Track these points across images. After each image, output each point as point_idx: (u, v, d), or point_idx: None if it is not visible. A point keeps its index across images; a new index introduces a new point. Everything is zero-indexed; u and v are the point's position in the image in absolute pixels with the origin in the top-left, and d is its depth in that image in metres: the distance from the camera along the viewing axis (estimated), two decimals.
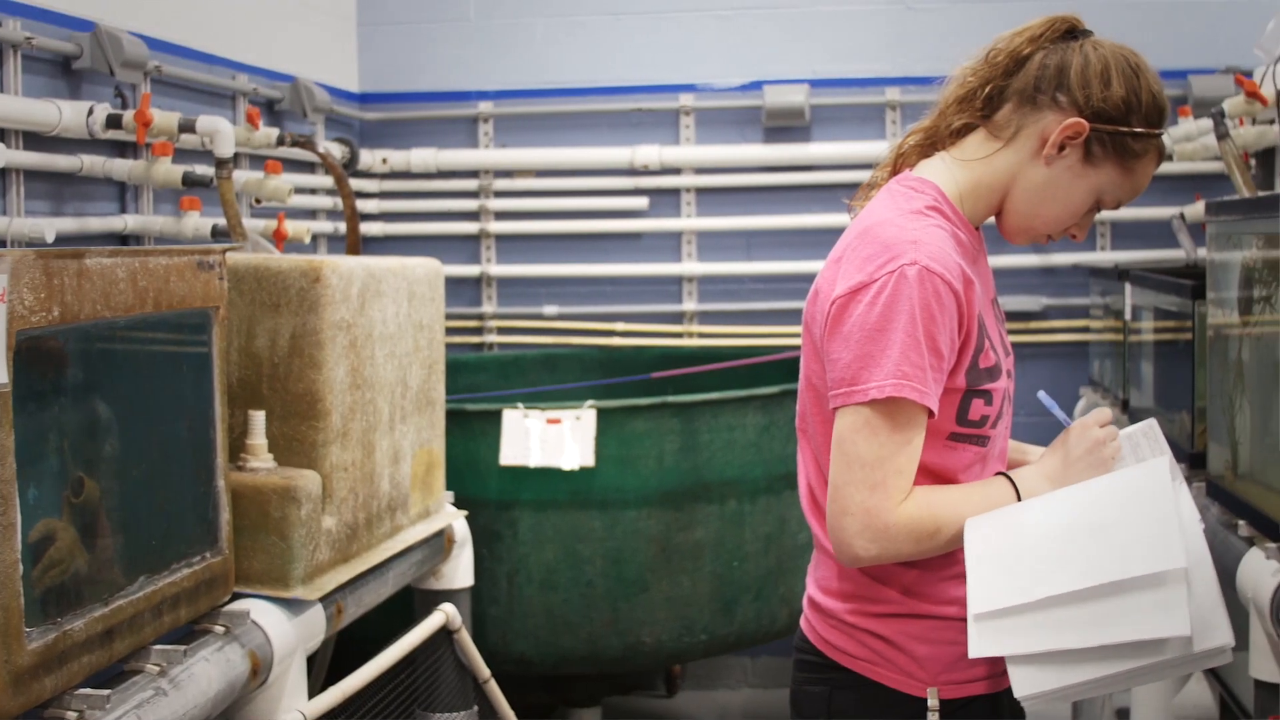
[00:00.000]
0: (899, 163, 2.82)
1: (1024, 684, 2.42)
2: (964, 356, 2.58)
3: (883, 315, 2.49)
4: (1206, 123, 5.49)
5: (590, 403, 5.07)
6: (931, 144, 2.79)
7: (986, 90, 2.72)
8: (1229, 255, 3.62)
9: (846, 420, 2.53)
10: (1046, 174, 2.67)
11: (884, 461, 2.51)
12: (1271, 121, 5.13)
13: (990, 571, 2.47)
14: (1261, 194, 5.02)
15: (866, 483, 2.51)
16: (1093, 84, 2.63)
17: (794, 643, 2.85)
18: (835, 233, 2.75)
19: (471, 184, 7.16)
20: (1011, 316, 6.87)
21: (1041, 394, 2.89)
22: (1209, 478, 3.78)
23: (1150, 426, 2.73)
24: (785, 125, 6.95)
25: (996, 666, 2.59)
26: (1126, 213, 6.86)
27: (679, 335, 7.09)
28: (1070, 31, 2.74)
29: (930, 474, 2.60)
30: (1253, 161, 5.86)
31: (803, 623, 2.83)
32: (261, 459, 3.55)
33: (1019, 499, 2.62)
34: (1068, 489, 2.60)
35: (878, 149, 6.78)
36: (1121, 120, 2.63)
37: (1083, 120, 2.62)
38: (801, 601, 2.89)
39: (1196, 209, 6.23)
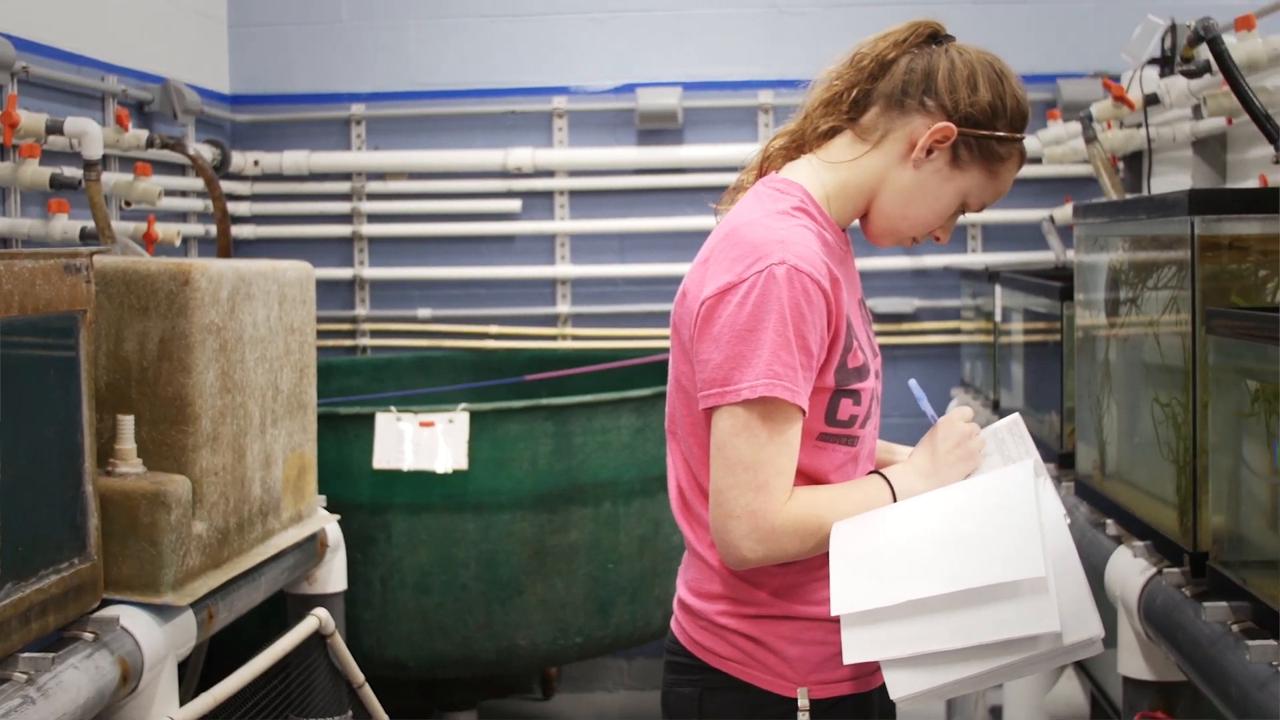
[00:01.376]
0: (765, 166, 2.82)
1: (899, 686, 2.43)
2: (832, 356, 2.59)
3: (752, 315, 2.49)
4: (1075, 126, 5.55)
5: (463, 405, 5.05)
6: (798, 147, 2.79)
7: (853, 94, 2.74)
8: (1096, 257, 3.66)
9: (724, 423, 2.53)
10: (914, 177, 2.68)
11: (765, 463, 2.51)
12: (1139, 125, 5.18)
13: (853, 574, 2.48)
14: (1129, 197, 5.08)
15: (750, 485, 2.52)
16: (960, 89, 2.65)
17: (665, 645, 2.85)
18: (709, 235, 2.76)
19: (344, 186, 7.12)
20: (883, 319, 6.92)
21: (912, 382, 2.91)
22: (1077, 477, 3.82)
23: (1015, 422, 2.76)
24: (658, 128, 6.97)
25: (864, 666, 2.60)
26: (997, 215, 6.93)
27: (553, 338, 7.09)
28: (933, 36, 2.77)
29: (801, 475, 2.60)
30: (1121, 165, 5.93)
31: (673, 625, 2.83)
32: (130, 464, 3.51)
33: (894, 496, 2.63)
34: (934, 493, 2.62)
35: (750, 151, 6.77)
36: (988, 124, 2.65)
37: (951, 124, 2.64)
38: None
39: (1065, 211, 6.30)
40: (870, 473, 2.73)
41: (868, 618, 2.46)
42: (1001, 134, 2.66)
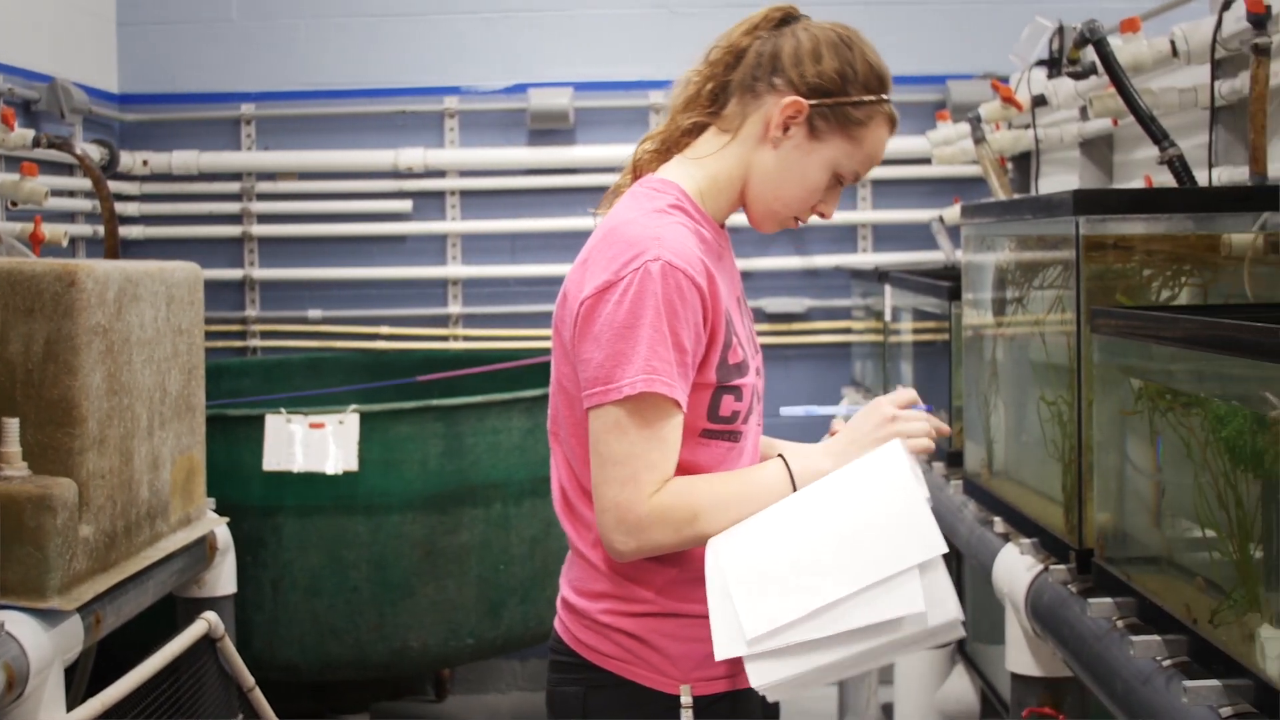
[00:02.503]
0: (638, 169, 2.84)
1: (760, 674, 2.44)
2: (712, 352, 2.61)
3: (630, 312, 2.51)
4: (964, 127, 5.59)
5: (353, 407, 5.04)
6: (666, 149, 2.82)
7: (710, 88, 2.78)
8: (983, 257, 3.69)
9: (598, 421, 2.56)
10: (776, 157, 2.71)
11: (635, 457, 2.54)
12: (1027, 126, 5.22)
13: (748, 598, 2.46)
14: (1016, 197, 5.12)
15: (618, 479, 2.55)
16: (805, 62, 2.68)
17: (549, 645, 2.86)
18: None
19: (234, 187, 7.07)
20: (774, 318, 6.94)
21: (785, 409, 2.92)
22: (965, 476, 3.85)
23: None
24: (550, 128, 6.96)
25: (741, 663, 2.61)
26: (887, 215, 6.98)
27: (444, 338, 7.07)
28: (785, 19, 2.79)
29: (684, 471, 2.61)
30: (1010, 165, 5.97)
31: (557, 624, 2.83)
32: (15, 467, 3.48)
33: (793, 481, 2.64)
34: (807, 492, 2.62)
35: None
36: (839, 91, 2.68)
37: (800, 99, 2.67)
38: None
39: (955, 212, 6.34)
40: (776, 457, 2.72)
41: (757, 594, 2.46)
42: (854, 99, 2.68)
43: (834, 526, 2.50)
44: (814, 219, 2.84)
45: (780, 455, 2.71)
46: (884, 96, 2.73)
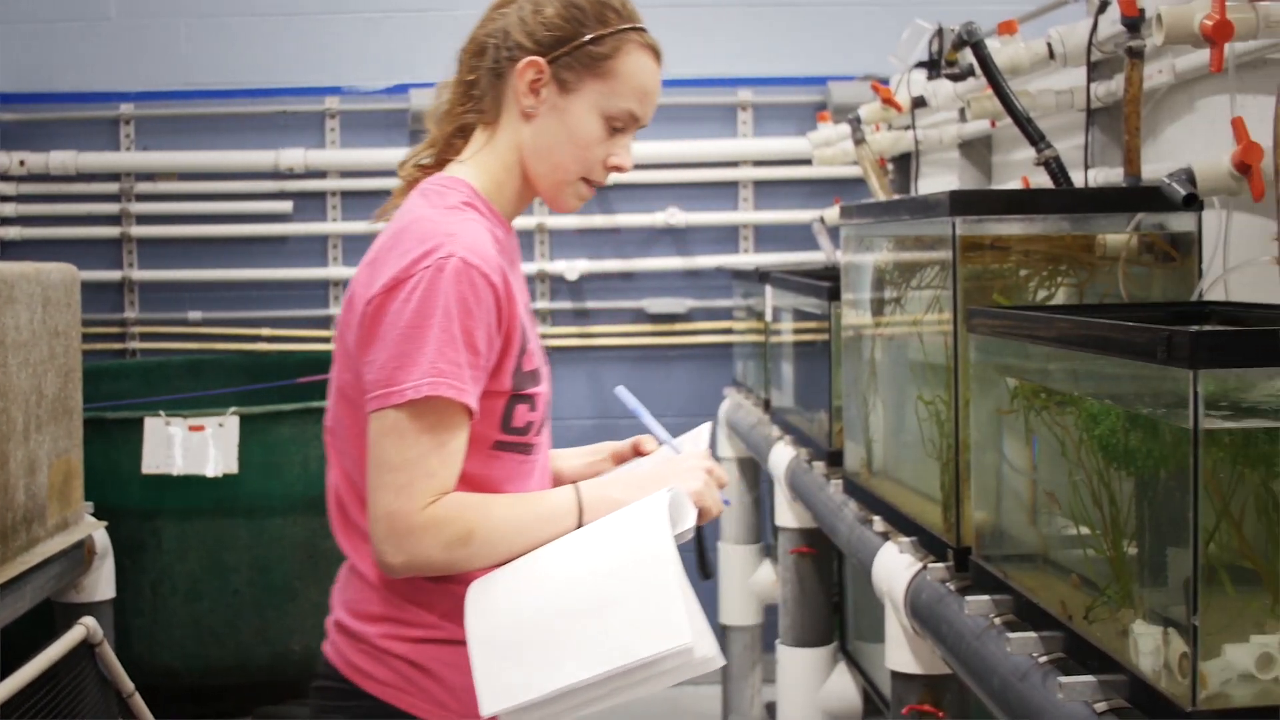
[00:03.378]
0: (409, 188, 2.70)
1: (490, 700, 2.34)
2: (507, 358, 2.50)
3: (418, 311, 2.39)
4: (845, 128, 5.62)
5: (233, 409, 5.01)
6: (440, 162, 2.71)
7: (461, 90, 2.70)
8: (862, 258, 3.71)
9: (376, 425, 2.42)
10: (538, 126, 2.62)
11: (412, 464, 2.40)
12: (907, 128, 5.26)
13: (495, 661, 2.36)
14: (895, 198, 5.15)
15: (393, 486, 2.40)
16: (529, 21, 2.60)
17: (318, 671, 2.68)
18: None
19: (113, 187, 7.02)
20: (656, 319, 6.96)
21: (620, 389, 2.90)
22: (845, 475, 3.87)
23: (700, 433, 2.78)
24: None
25: None
26: (769, 216, 7.02)
27: (326, 340, 7.03)
28: None
29: (473, 485, 2.49)
30: (890, 166, 6.01)
31: (326, 648, 2.67)
32: None
33: (581, 514, 2.51)
34: (567, 541, 2.48)
35: None
36: (573, 36, 2.59)
37: (535, 57, 2.59)
38: None
39: (835, 212, 6.37)
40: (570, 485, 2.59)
41: (504, 662, 2.36)
42: (590, 35, 2.59)
43: (586, 593, 2.38)
44: (615, 177, 2.77)
45: (574, 485, 2.56)
46: (625, 26, 2.63)
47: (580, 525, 2.51)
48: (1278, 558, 2.10)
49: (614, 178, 2.76)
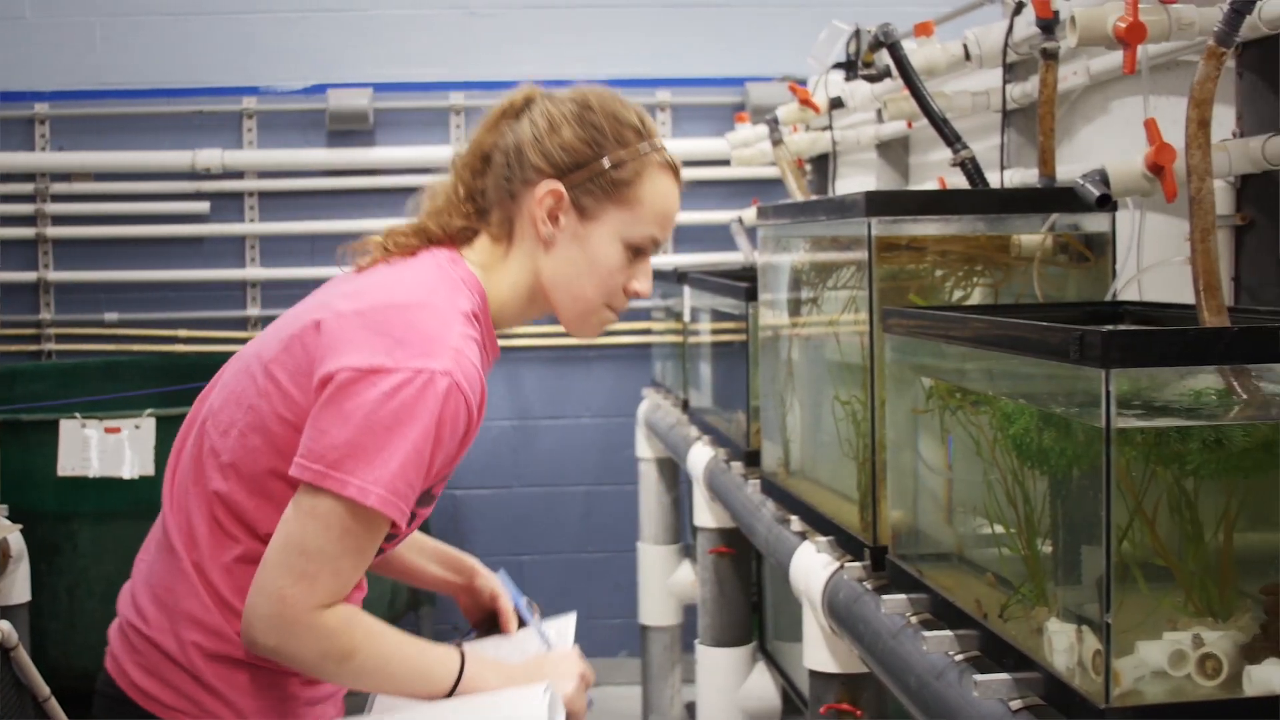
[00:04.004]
0: (391, 250, 2.64)
1: None
2: (431, 482, 2.44)
3: (397, 416, 2.30)
4: (763, 129, 5.63)
5: (150, 411, 4.98)
6: (446, 240, 2.63)
7: (464, 193, 2.62)
8: (780, 258, 3.72)
9: (307, 502, 2.32)
10: (557, 254, 2.55)
11: (326, 558, 2.31)
12: (825, 128, 5.28)
13: None
14: (812, 198, 5.17)
15: (297, 570, 2.30)
16: (547, 143, 2.52)
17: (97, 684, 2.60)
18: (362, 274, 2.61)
19: (28, 187, 6.96)
20: None
21: (502, 572, 2.87)
22: (763, 475, 3.87)
23: (567, 625, 2.80)
24: (349, 129, 6.94)
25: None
26: (688, 216, 7.02)
27: (244, 341, 6.94)
28: (527, 103, 2.62)
29: None
30: (808, 167, 6.03)
31: (108, 661, 2.58)
32: None
33: (457, 682, 2.43)
34: (440, 714, 2.42)
35: (442, 153, 6.81)
36: (592, 159, 2.52)
37: (554, 182, 2.51)
38: None
39: (753, 213, 6.39)
40: (455, 645, 2.56)
41: None
42: (610, 160, 2.52)
43: None
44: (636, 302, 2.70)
45: (462, 650, 2.51)
46: (646, 146, 2.57)
47: (451, 694, 2.44)
48: (1190, 555, 2.12)
49: None
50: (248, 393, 2.49)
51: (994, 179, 3.69)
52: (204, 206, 6.97)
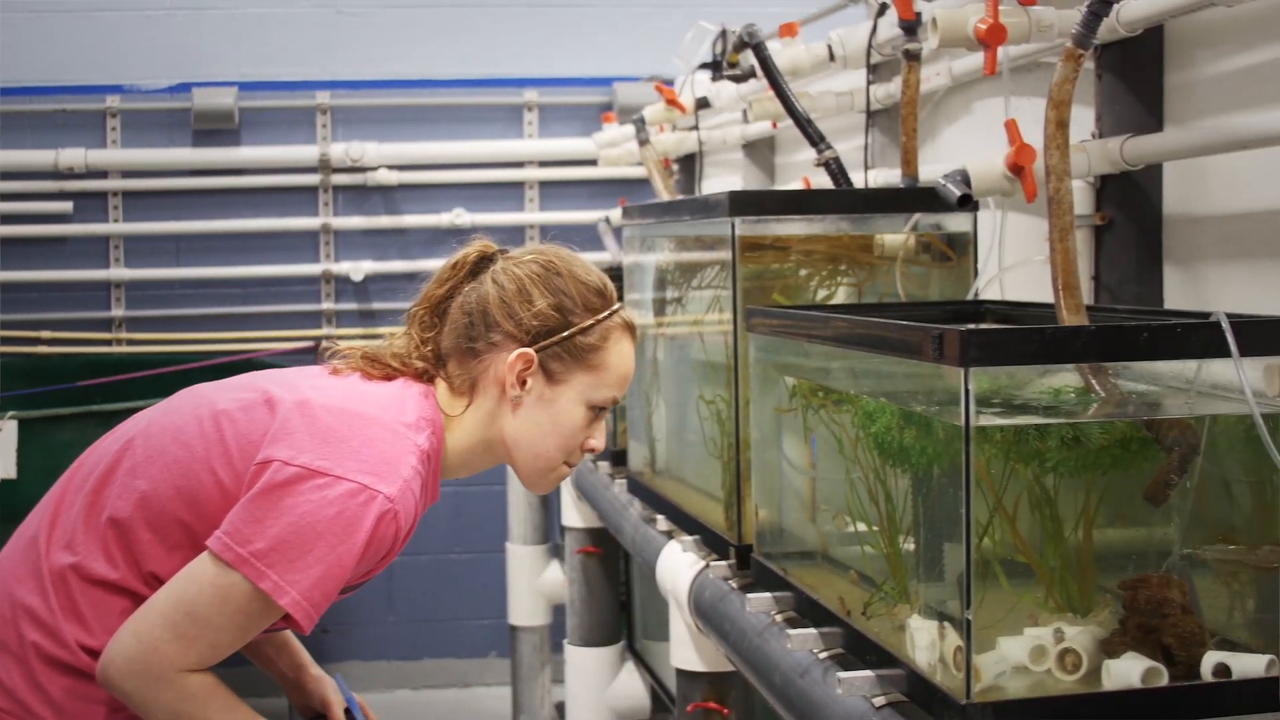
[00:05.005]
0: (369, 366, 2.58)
1: None
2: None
3: (331, 525, 2.29)
4: (630, 129, 5.64)
5: (11, 414, 4.92)
6: (419, 376, 2.59)
7: (422, 350, 2.60)
8: (645, 258, 3.72)
9: (214, 571, 2.30)
10: (522, 416, 2.55)
11: (211, 629, 2.30)
12: (691, 128, 5.29)
13: None
14: (678, 198, 5.18)
15: (178, 629, 2.29)
16: (517, 309, 2.52)
17: None
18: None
19: None
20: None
21: (338, 677, 2.86)
22: (629, 475, 3.87)
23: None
24: (215, 128, 6.87)
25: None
26: (554, 216, 7.05)
27: (108, 342, 6.92)
28: (482, 260, 2.63)
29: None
30: (675, 167, 6.04)
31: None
32: None
33: None
34: None
35: (308, 153, 6.78)
36: (562, 326, 2.52)
37: (525, 349, 2.51)
38: None
39: (620, 213, 6.40)
40: None
41: None
42: (581, 327, 2.53)
43: None
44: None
45: None
46: (610, 310, 2.57)
47: None
48: (1051, 552, 2.15)
49: (400, 177, 2.70)
50: (189, 430, 2.46)
51: (858, 179, 3.71)
52: (67, 206, 6.87)
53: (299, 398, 2.43)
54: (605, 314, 2.56)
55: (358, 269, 6.94)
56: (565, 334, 2.52)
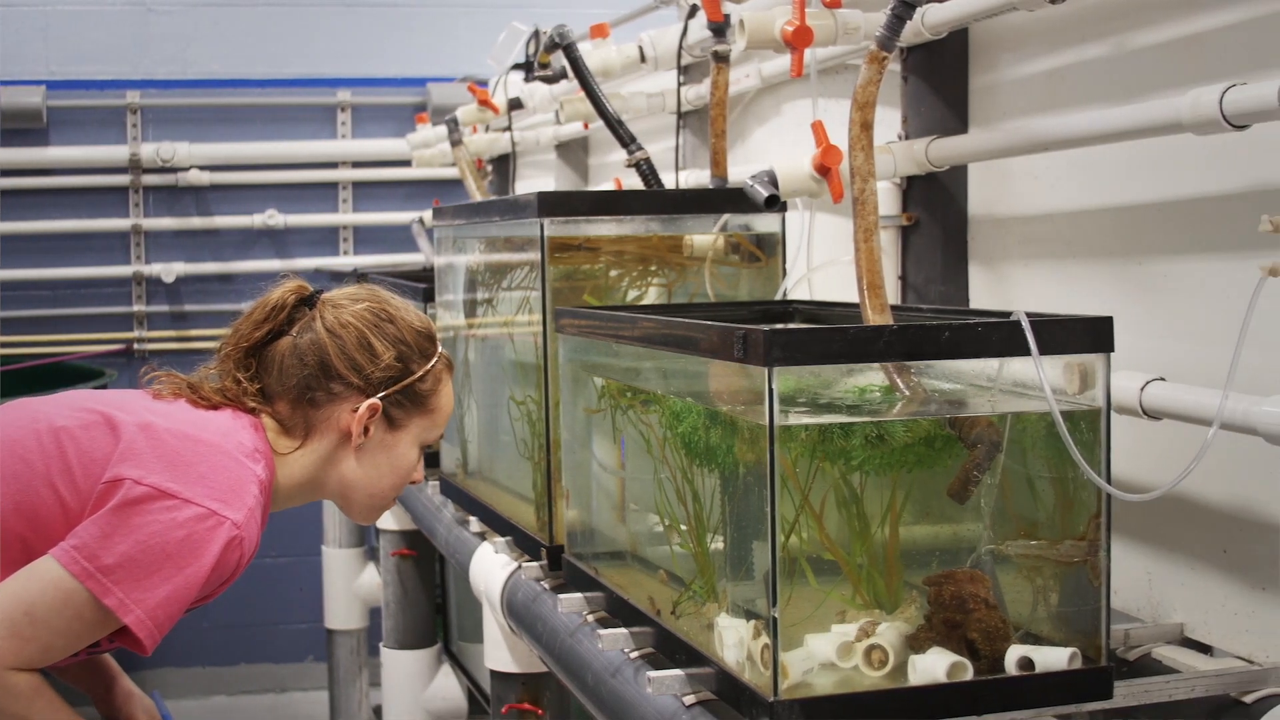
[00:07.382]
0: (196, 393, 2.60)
1: None
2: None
3: (179, 547, 2.31)
4: (443, 130, 5.62)
5: None
6: (244, 409, 2.59)
7: (249, 389, 2.60)
8: (456, 258, 3.71)
9: (57, 576, 2.29)
10: (364, 459, 2.61)
11: (48, 631, 2.30)
12: (505, 129, 5.29)
13: None
14: (491, 199, 5.17)
15: (15, 628, 2.27)
16: (360, 360, 2.56)
17: None
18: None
19: None
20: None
21: (155, 693, 2.85)
22: (442, 476, 3.87)
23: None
24: (22, 127, 6.76)
25: None
26: (368, 218, 7.04)
27: None
28: (301, 303, 2.65)
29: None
30: (490, 168, 6.04)
31: None
32: None
33: None
34: None
35: (118, 153, 6.70)
36: (403, 375, 2.59)
37: (374, 400, 2.56)
38: None
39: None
40: None
41: None
42: (417, 375, 2.60)
43: None
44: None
45: None
46: (438, 354, 2.65)
47: None
48: (857, 549, 2.16)
49: (212, 178, 2.70)
50: (26, 444, 2.43)
51: (670, 180, 3.73)
52: None
53: (141, 420, 2.44)
54: (435, 358, 2.63)
55: (169, 270, 6.87)
56: (406, 382, 2.59)
